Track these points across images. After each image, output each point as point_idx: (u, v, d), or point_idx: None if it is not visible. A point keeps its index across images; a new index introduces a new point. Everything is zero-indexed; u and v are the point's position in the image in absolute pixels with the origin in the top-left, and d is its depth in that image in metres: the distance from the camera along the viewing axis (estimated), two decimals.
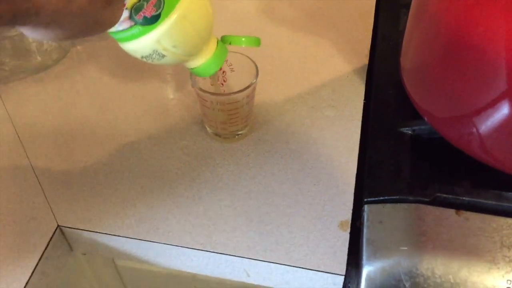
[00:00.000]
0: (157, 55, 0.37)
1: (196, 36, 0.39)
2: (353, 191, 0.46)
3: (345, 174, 0.47)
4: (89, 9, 0.28)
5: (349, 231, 0.43)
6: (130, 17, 0.34)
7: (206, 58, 0.41)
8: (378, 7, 0.65)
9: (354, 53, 0.59)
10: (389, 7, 0.63)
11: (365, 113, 0.53)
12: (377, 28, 0.61)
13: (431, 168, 0.46)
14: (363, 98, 0.54)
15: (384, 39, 0.59)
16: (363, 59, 0.58)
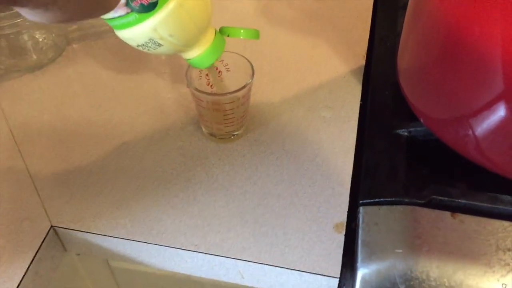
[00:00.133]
0: (153, 43, 0.37)
1: (193, 26, 0.38)
2: (348, 192, 0.46)
3: (341, 176, 0.47)
4: None
5: (344, 233, 0.43)
6: (127, 4, 0.33)
7: (203, 49, 0.41)
8: (375, 8, 0.65)
9: (351, 54, 0.59)
10: (386, 8, 0.63)
11: (361, 114, 0.52)
12: (374, 29, 0.61)
13: (427, 170, 0.46)
14: (360, 99, 0.54)
15: (381, 40, 0.59)
16: (360, 60, 0.58)
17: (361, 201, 0.43)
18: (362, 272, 0.39)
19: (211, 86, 0.49)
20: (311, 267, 0.41)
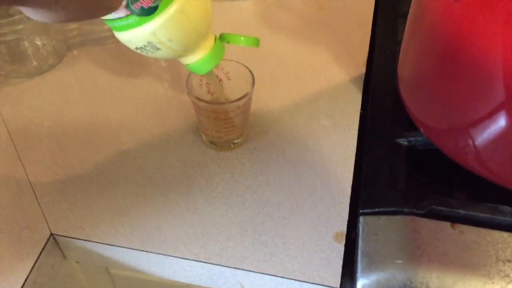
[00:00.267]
0: (151, 47, 0.37)
1: (193, 32, 0.38)
2: (348, 202, 0.46)
3: (340, 185, 0.47)
4: None
5: (344, 242, 0.43)
6: (127, 6, 0.33)
7: (202, 54, 0.41)
8: (375, 16, 0.65)
9: (352, 62, 0.59)
10: (386, 17, 0.63)
11: (361, 123, 0.52)
12: (374, 37, 0.61)
13: (426, 180, 0.46)
14: (360, 108, 0.54)
15: (381, 48, 0.59)
16: (360, 68, 0.58)
17: (361, 211, 0.43)
18: (362, 283, 0.39)
19: (211, 94, 0.49)
20: (311, 277, 0.41)
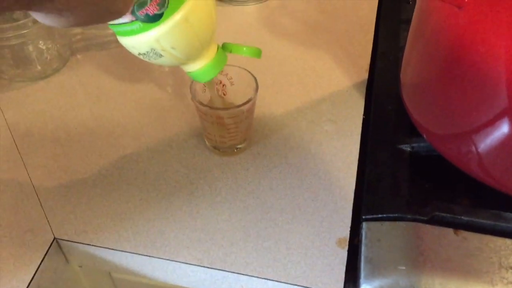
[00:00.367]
0: (154, 54, 0.37)
1: (196, 40, 0.38)
2: (351, 207, 0.46)
3: (343, 190, 0.47)
4: None
5: (347, 248, 0.43)
6: (132, 12, 0.33)
7: (204, 63, 0.41)
8: (378, 22, 0.65)
9: (354, 68, 0.59)
10: (389, 22, 0.64)
11: (364, 128, 0.53)
12: (377, 43, 0.62)
13: (429, 186, 0.46)
14: (363, 113, 0.54)
15: (384, 54, 0.59)
16: (363, 74, 0.58)
17: (364, 217, 0.43)
18: None
19: (221, 97, 0.49)
20: (313, 283, 0.41)
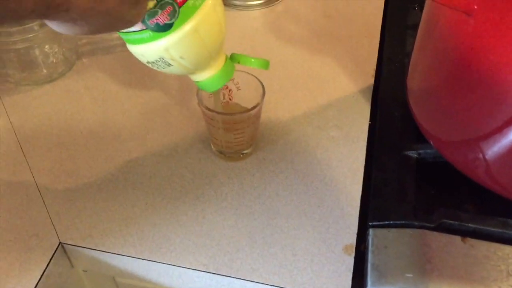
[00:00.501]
0: (163, 63, 0.37)
1: (205, 51, 0.38)
2: (357, 214, 0.46)
3: (349, 196, 0.47)
4: (118, 9, 0.29)
5: (353, 255, 0.43)
6: (143, 21, 0.34)
7: (212, 73, 0.41)
8: (384, 27, 0.65)
9: (360, 73, 0.59)
10: (395, 28, 0.64)
11: (370, 134, 0.52)
12: (382, 49, 0.61)
13: (436, 193, 0.46)
14: (369, 119, 0.54)
15: (389, 60, 0.59)
16: (369, 79, 0.58)
17: (370, 223, 0.43)
18: None
19: (221, 104, 0.49)
20: None
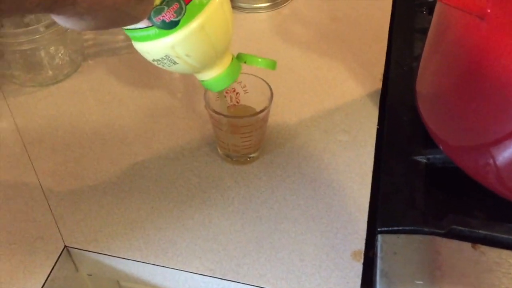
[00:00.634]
0: (168, 60, 0.37)
1: (211, 49, 0.38)
2: (366, 219, 0.45)
3: (358, 201, 0.46)
4: (124, 4, 0.28)
5: (362, 261, 0.42)
6: (149, 18, 0.33)
7: (218, 72, 0.41)
8: (391, 30, 0.65)
9: (368, 77, 0.59)
10: (403, 31, 0.63)
11: (378, 139, 0.52)
12: (390, 52, 0.61)
13: (446, 199, 0.46)
14: (377, 124, 0.53)
15: (397, 64, 0.58)
16: (376, 83, 0.58)
17: (379, 229, 0.43)
18: None
19: (228, 107, 0.48)
20: None
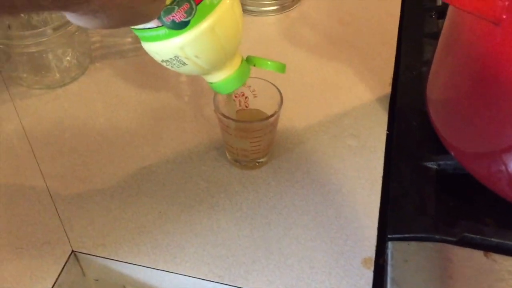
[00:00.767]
0: (177, 61, 0.36)
1: (221, 51, 0.37)
2: (376, 226, 0.45)
3: (368, 207, 0.46)
4: (138, 1, 0.28)
5: (372, 269, 0.42)
6: (159, 17, 0.33)
7: (227, 74, 0.40)
8: (400, 35, 0.64)
9: (377, 81, 0.58)
10: (411, 36, 0.63)
11: (388, 144, 0.51)
12: (399, 57, 0.60)
13: (457, 205, 0.45)
14: (386, 129, 0.53)
15: (407, 68, 0.58)
16: (386, 88, 0.57)
17: (389, 236, 0.42)
18: None
19: (237, 112, 0.48)
20: None
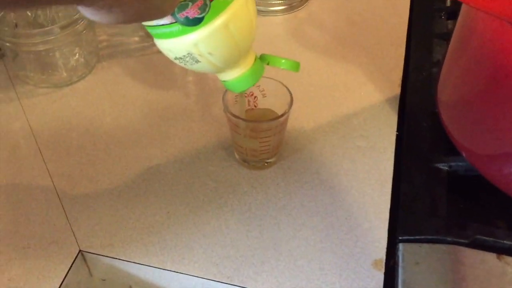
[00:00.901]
0: (191, 58, 0.36)
1: (235, 48, 0.37)
2: (387, 227, 0.44)
3: (378, 209, 0.46)
4: None
5: (383, 270, 0.41)
6: (172, 14, 0.33)
7: (241, 72, 0.40)
8: (409, 35, 0.64)
9: (386, 82, 0.58)
10: (421, 36, 0.62)
11: (397, 145, 0.51)
12: (409, 57, 0.60)
13: (469, 207, 0.45)
14: (396, 130, 0.52)
15: (416, 69, 0.58)
16: (395, 89, 0.57)
17: (400, 237, 0.42)
18: None
19: (246, 111, 0.48)
20: None
